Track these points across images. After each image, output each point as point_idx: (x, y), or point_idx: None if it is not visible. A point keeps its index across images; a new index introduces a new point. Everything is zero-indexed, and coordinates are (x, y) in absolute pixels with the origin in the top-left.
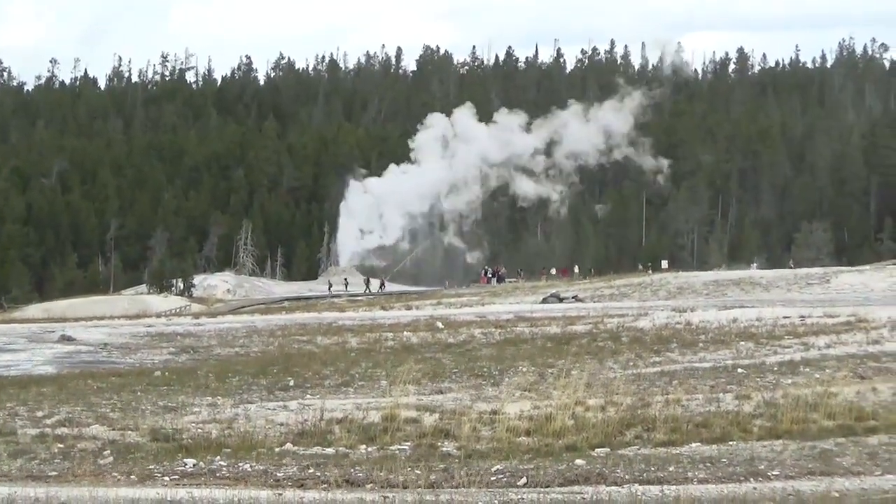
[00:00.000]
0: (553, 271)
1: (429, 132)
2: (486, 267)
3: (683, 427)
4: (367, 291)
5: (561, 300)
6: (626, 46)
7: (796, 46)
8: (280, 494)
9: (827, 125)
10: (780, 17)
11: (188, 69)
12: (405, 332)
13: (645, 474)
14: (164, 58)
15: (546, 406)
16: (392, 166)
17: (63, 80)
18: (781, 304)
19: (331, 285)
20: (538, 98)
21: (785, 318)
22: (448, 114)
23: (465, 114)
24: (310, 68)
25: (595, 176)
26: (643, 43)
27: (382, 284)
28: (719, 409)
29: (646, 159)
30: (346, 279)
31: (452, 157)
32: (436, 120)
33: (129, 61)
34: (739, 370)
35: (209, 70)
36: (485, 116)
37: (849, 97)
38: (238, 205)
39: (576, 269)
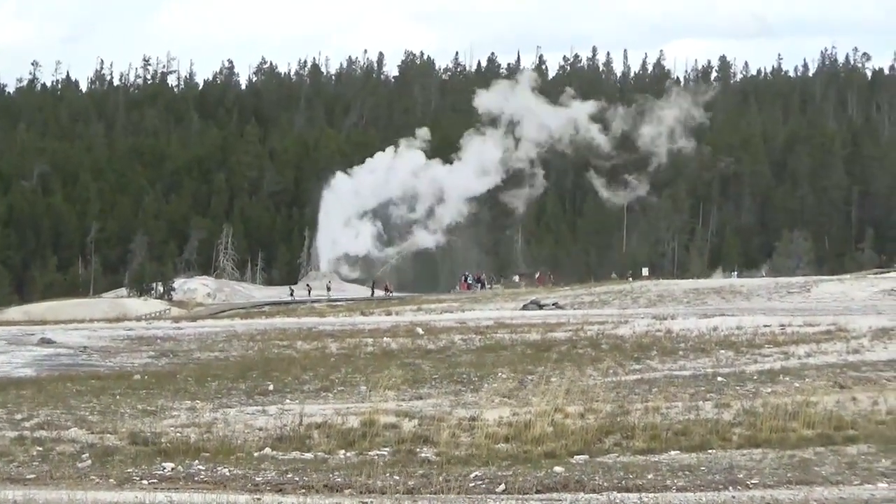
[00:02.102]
0: (516, 278)
1: (491, 97)
2: (466, 272)
3: (662, 435)
4: (373, 295)
5: (541, 307)
6: (608, 53)
7: (778, 55)
8: (259, 499)
9: (809, 134)
10: (762, 25)
11: (170, 73)
12: (385, 338)
13: (624, 482)
14: (146, 61)
15: (525, 413)
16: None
17: (45, 83)
18: (762, 312)
19: (292, 291)
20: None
21: (765, 326)
22: (513, 79)
23: (526, 81)
24: (292, 73)
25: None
26: (625, 50)
27: (387, 289)
28: (699, 417)
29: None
30: (308, 285)
31: (514, 134)
32: (500, 87)
33: (111, 64)
34: (719, 378)
35: (191, 74)
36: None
37: (831, 106)
38: (219, 209)
39: (536, 275)
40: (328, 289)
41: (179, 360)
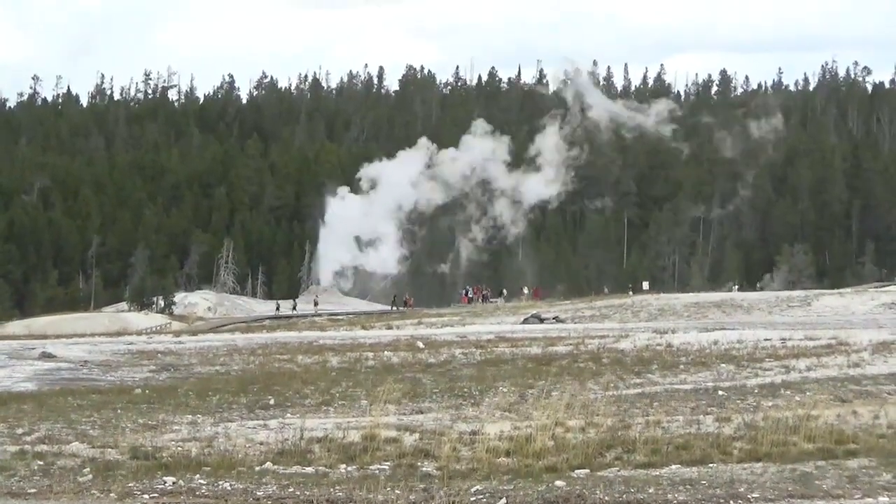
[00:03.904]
0: (504, 292)
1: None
2: (467, 287)
3: (663, 449)
4: (396, 309)
5: (542, 321)
6: (608, 67)
7: (779, 69)
8: None
9: (809, 147)
10: (763, 40)
11: (170, 87)
12: (386, 352)
13: (625, 496)
14: (147, 76)
15: (526, 427)
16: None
17: (45, 97)
18: (762, 326)
19: (278, 306)
20: (520, 118)
21: (766, 340)
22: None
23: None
24: (292, 87)
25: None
26: (626, 64)
27: (406, 303)
28: (699, 431)
29: None
30: (294, 300)
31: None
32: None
33: (112, 79)
34: (720, 392)
35: (191, 88)
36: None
37: (831, 120)
38: (219, 223)
39: (524, 290)
40: (315, 304)
41: (180, 375)
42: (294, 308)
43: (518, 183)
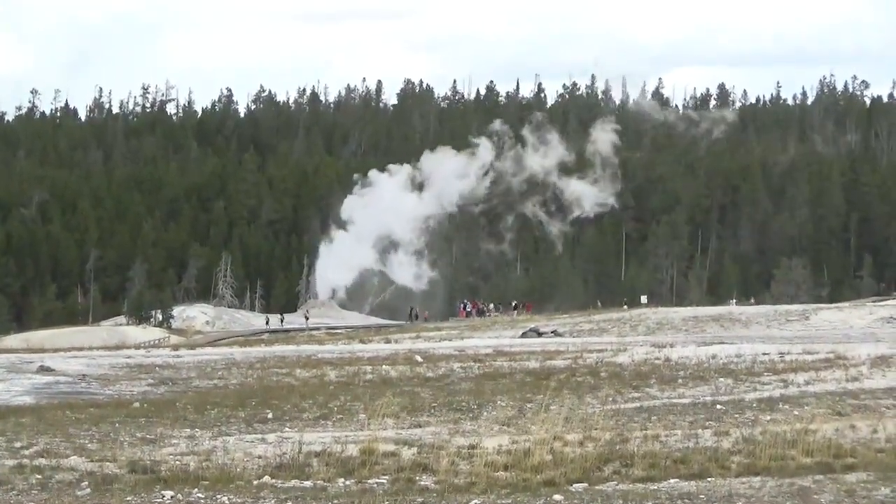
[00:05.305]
0: (491, 305)
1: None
2: (465, 300)
3: (662, 463)
4: (410, 323)
5: (540, 335)
6: (606, 81)
7: (777, 82)
8: None
9: (807, 161)
10: (761, 54)
11: (169, 101)
12: (384, 366)
13: None
14: (145, 89)
15: (524, 441)
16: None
17: (43, 111)
18: (761, 340)
19: (268, 321)
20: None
21: (764, 354)
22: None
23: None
24: (290, 101)
25: None
26: (624, 78)
27: (416, 316)
28: (698, 445)
29: None
30: (282, 315)
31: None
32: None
33: (110, 93)
34: (718, 406)
35: (189, 102)
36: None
37: (829, 133)
38: (217, 237)
39: (512, 304)
40: (306, 318)
41: (178, 388)
42: (282, 322)
43: (567, 188)
